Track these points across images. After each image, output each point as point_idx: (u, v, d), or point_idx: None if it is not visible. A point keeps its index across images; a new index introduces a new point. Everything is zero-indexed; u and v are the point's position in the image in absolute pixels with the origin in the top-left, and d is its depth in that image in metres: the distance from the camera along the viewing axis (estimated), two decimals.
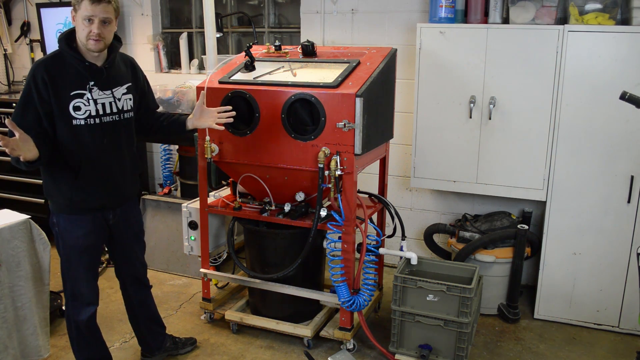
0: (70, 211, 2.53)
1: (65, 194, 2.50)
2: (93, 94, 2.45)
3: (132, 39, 4.93)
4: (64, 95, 2.38)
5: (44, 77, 2.34)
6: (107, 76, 2.50)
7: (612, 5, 3.12)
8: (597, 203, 3.27)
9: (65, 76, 2.39)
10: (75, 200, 2.51)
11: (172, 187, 4.69)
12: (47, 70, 2.36)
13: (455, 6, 3.47)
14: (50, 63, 2.38)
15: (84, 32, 2.34)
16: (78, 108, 2.41)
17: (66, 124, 2.41)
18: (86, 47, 2.38)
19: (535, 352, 3.22)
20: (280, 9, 4.66)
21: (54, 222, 2.58)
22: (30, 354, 2.86)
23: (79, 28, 2.37)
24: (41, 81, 2.34)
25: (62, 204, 2.53)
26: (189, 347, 3.19)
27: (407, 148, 4.05)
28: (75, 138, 2.44)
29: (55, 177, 2.50)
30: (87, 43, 2.36)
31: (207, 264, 3.40)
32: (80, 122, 2.43)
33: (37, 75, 2.35)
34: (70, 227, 2.55)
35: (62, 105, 2.38)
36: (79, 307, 2.66)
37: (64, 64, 2.40)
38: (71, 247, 2.57)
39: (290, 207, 3.08)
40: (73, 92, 2.40)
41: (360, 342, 3.23)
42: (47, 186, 2.54)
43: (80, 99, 2.41)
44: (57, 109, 2.38)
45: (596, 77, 3.14)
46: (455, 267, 3.21)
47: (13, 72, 5.51)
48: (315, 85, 2.87)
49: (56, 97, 2.37)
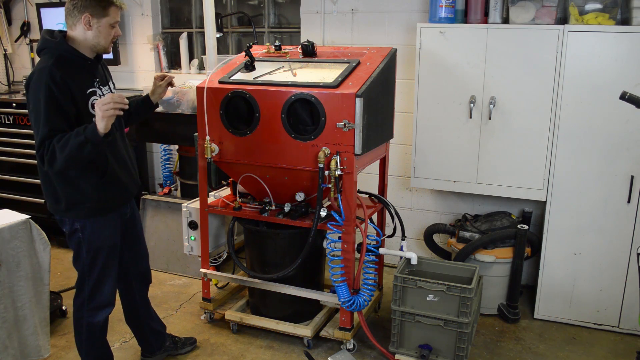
0: (97, 213, 2.53)
1: (92, 197, 2.49)
2: (101, 90, 2.52)
3: (132, 39, 4.93)
4: (82, 94, 2.41)
5: (63, 79, 2.31)
6: (102, 72, 2.58)
7: (612, 5, 3.12)
8: (597, 203, 3.27)
9: (77, 76, 2.40)
10: (103, 201, 2.52)
11: (172, 187, 4.70)
12: (61, 73, 2.33)
13: (455, 6, 3.47)
14: (60, 66, 2.35)
15: (109, 36, 2.45)
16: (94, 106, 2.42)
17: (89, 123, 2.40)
18: (106, 49, 2.48)
19: (535, 352, 3.22)
20: (280, 9, 4.66)
21: (76, 229, 2.53)
22: (30, 354, 2.86)
23: (102, 33, 2.42)
24: (62, 83, 2.31)
25: (89, 208, 2.50)
26: (189, 347, 3.19)
27: (407, 148, 4.05)
28: None
29: (78, 184, 2.46)
30: (108, 46, 2.48)
31: (207, 264, 3.40)
32: None
33: (56, 77, 2.29)
34: (98, 230, 2.55)
35: (83, 104, 2.40)
36: (95, 309, 2.65)
37: (71, 65, 2.40)
38: (99, 248, 2.56)
39: (290, 207, 3.08)
40: (89, 90, 2.44)
41: (360, 342, 3.23)
42: (68, 197, 2.47)
43: (94, 96, 2.46)
44: (80, 108, 2.39)
45: (596, 77, 3.14)
46: (455, 267, 3.21)
47: (13, 72, 5.50)
48: (315, 85, 2.87)
49: (76, 98, 2.37)
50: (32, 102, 2.34)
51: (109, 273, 2.65)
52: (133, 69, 4.99)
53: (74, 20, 2.40)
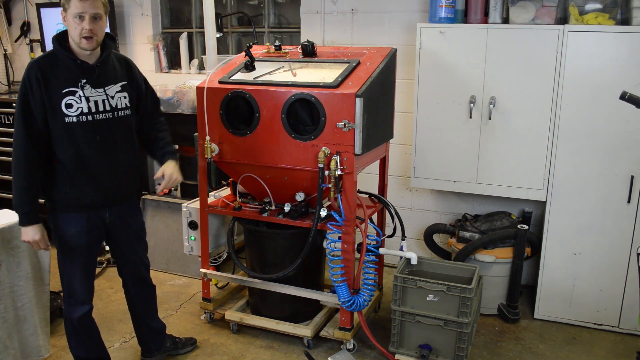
0: (65, 209, 2.56)
1: (60, 191, 2.53)
2: (85, 92, 2.47)
3: (132, 39, 4.93)
4: (57, 93, 2.42)
5: (37, 76, 2.39)
6: (100, 74, 2.52)
7: (612, 5, 3.12)
8: (597, 203, 3.27)
9: (58, 74, 2.42)
10: (69, 197, 2.53)
11: (172, 187, 4.69)
12: (40, 69, 2.40)
13: (455, 6, 3.47)
14: (43, 62, 2.42)
15: (77, 30, 2.38)
16: (70, 105, 2.44)
17: (59, 121, 2.44)
18: (79, 46, 2.42)
19: (535, 352, 3.22)
20: (280, 9, 4.66)
21: (50, 220, 2.60)
22: (31, 354, 2.86)
23: (70, 27, 2.41)
24: (35, 80, 2.39)
25: (58, 202, 2.55)
26: (189, 347, 3.19)
27: (407, 148, 4.05)
28: (68, 135, 2.46)
29: (52, 176, 2.52)
30: (80, 42, 2.40)
31: (207, 264, 3.40)
32: (73, 119, 2.45)
33: (31, 74, 2.39)
34: (65, 225, 2.57)
35: (54, 102, 2.42)
36: (73, 304, 2.66)
37: (57, 63, 2.43)
38: (66, 245, 2.59)
39: (290, 207, 3.08)
40: (65, 90, 2.43)
41: (360, 342, 3.23)
42: (45, 185, 2.55)
43: (72, 96, 2.44)
44: (49, 106, 2.42)
45: (596, 77, 3.14)
46: (455, 267, 3.21)
47: (13, 72, 5.50)
48: (315, 85, 2.87)
49: (48, 95, 2.40)
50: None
51: (79, 272, 2.63)
52: None
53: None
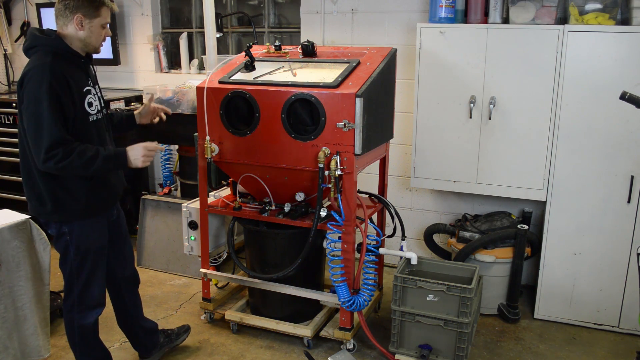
0: (86, 215, 2.51)
1: (81, 199, 2.46)
2: (95, 89, 2.52)
3: (132, 39, 4.93)
4: (80, 92, 2.40)
5: (63, 76, 2.30)
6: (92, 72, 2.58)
7: (612, 5, 3.12)
8: (597, 203, 3.27)
9: (74, 74, 2.39)
10: (91, 202, 2.50)
11: (172, 187, 4.69)
12: (61, 69, 2.32)
13: (455, 6, 3.47)
14: (57, 64, 2.33)
15: (101, 37, 2.47)
16: (90, 104, 2.45)
17: (83, 122, 2.40)
18: (96, 49, 2.48)
19: (535, 352, 3.22)
20: (280, 9, 4.66)
21: (64, 232, 2.50)
22: (31, 354, 2.86)
23: (94, 33, 2.42)
24: (63, 79, 2.30)
25: (78, 210, 2.48)
26: (183, 335, 3.17)
27: (407, 148, 4.05)
28: (91, 135, 2.44)
29: (68, 186, 2.44)
30: (98, 46, 2.48)
31: (207, 264, 3.40)
32: (94, 117, 2.47)
33: (57, 73, 2.28)
34: (87, 232, 2.53)
35: (80, 102, 2.39)
36: (85, 310, 2.62)
37: (66, 63, 2.39)
38: (87, 251, 2.54)
39: (290, 207, 3.08)
40: (85, 88, 2.44)
41: (360, 342, 3.23)
42: (56, 199, 2.44)
43: (90, 94, 2.46)
44: (77, 107, 2.38)
45: (596, 77, 3.14)
46: (455, 267, 3.21)
47: (13, 72, 5.51)
48: (315, 85, 2.87)
49: (74, 96, 2.35)
50: (30, 99, 2.26)
51: (97, 275, 2.62)
52: (133, 69, 4.99)
53: (65, 20, 2.38)
